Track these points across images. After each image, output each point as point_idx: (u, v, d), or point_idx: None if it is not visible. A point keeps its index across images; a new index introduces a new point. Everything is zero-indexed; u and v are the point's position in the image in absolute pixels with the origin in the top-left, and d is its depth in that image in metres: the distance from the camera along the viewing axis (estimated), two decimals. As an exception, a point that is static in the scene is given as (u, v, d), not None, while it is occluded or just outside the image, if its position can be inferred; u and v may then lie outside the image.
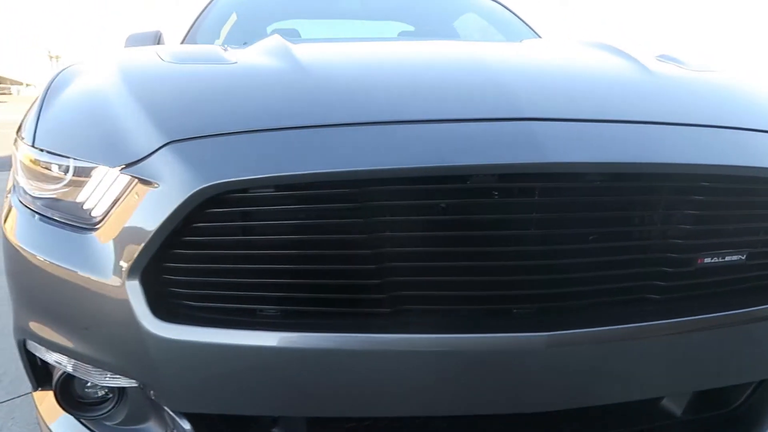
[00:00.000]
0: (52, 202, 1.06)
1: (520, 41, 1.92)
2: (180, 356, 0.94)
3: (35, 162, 1.10)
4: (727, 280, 1.04)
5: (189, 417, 1.03)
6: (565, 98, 1.08)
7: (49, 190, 1.07)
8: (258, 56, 1.33)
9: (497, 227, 0.93)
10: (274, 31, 2.31)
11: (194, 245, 0.93)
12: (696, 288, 1.02)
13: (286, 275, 0.94)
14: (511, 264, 0.93)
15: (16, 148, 1.20)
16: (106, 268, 0.96)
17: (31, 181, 1.10)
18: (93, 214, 1.01)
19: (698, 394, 1.18)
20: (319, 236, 0.93)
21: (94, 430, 1.14)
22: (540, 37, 2.74)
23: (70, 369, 1.10)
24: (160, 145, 0.95)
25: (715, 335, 1.00)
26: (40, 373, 1.21)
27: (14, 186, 1.16)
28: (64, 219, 1.04)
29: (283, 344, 0.92)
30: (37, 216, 1.07)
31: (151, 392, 1.03)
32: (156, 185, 0.93)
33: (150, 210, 0.92)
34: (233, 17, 2.71)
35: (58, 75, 1.32)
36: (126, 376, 1.03)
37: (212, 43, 2.29)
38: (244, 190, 0.91)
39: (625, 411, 1.17)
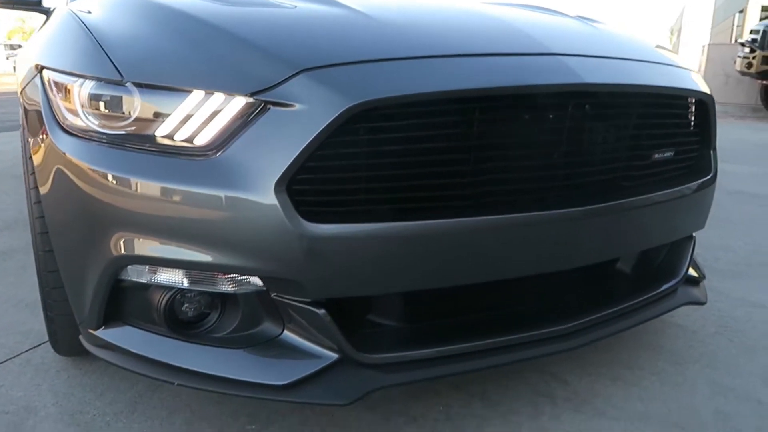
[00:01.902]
0: (160, 130, 1.15)
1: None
2: (325, 251, 1.11)
3: (126, 99, 1.17)
4: (664, 170, 1.52)
5: (317, 305, 1.19)
6: (564, 40, 1.45)
7: (154, 121, 1.15)
8: (307, 3, 1.49)
9: (550, 134, 1.26)
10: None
11: (332, 157, 1.10)
12: (650, 176, 1.48)
13: (410, 178, 1.16)
14: (561, 161, 1.29)
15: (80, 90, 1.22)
16: (250, 185, 1.09)
17: (109, 122, 1.18)
18: (214, 139, 1.12)
19: (638, 257, 1.67)
20: (434, 145, 1.16)
21: (193, 342, 1.25)
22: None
23: (186, 283, 1.20)
24: (295, 72, 1.11)
25: (662, 207, 1.47)
26: (111, 308, 1.27)
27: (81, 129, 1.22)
28: (178, 149, 1.14)
29: (407, 231, 1.14)
30: (148, 145, 1.15)
31: (274, 293, 1.19)
32: (293, 107, 1.09)
33: (291, 129, 1.08)
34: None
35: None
36: (270, 275, 1.16)
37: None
38: (377, 108, 1.10)
39: (593, 275, 1.61)
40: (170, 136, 1.14)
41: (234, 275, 1.20)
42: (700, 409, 1.50)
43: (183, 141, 1.14)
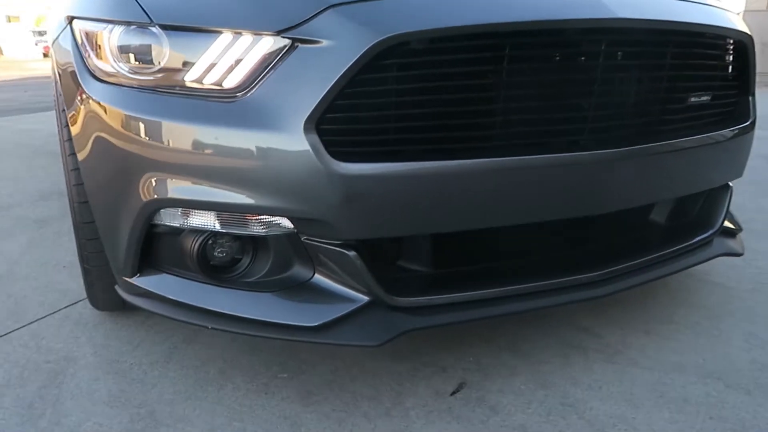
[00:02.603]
0: (189, 75, 1.16)
1: None
2: (355, 190, 1.12)
3: (152, 43, 1.18)
4: (700, 114, 1.47)
5: (348, 247, 1.20)
6: None
7: (182, 67, 1.16)
8: None
9: (583, 73, 1.23)
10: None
11: (362, 95, 1.10)
12: (686, 120, 1.44)
13: (440, 117, 1.15)
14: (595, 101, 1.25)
15: (110, 35, 1.23)
16: (279, 125, 1.09)
17: (139, 67, 1.19)
18: (244, 80, 1.13)
19: (673, 207, 1.63)
20: (465, 82, 1.14)
21: (227, 287, 1.27)
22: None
23: (217, 226, 1.22)
24: (323, 8, 1.11)
25: (698, 153, 1.43)
26: (145, 255, 1.29)
27: (112, 73, 1.24)
28: (208, 92, 1.15)
29: (437, 171, 1.14)
30: (178, 89, 1.17)
31: (305, 236, 1.20)
32: (321, 43, 1.08)
33: (320, 66, 1.08)
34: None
35: None
36: (300, 216, 1.16)
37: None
38: (406, 43, 1.09)
39: (627, 223, 1.58)
40: (199, 80, 1.15)
41: (264, 217, 1.20)
42: (735, 359, 1.48)
43: (212, 84, 1.14)
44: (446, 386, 1.38)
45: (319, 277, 1.25)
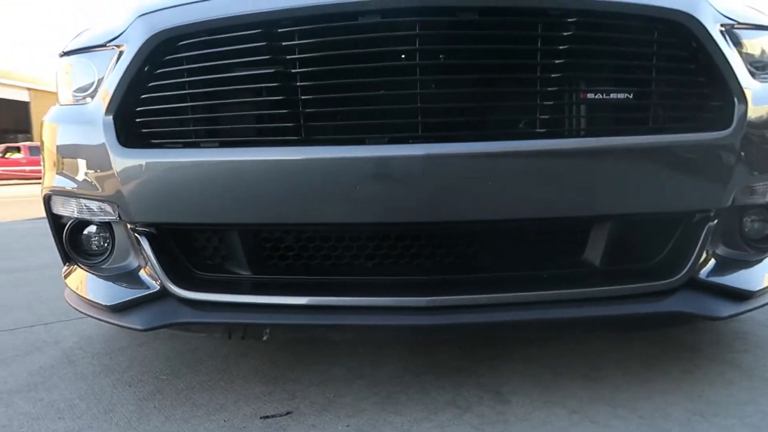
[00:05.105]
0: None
1: None
2: (139, 175, 1.17)
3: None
4: (613, 117, 1.18)
5: (147, 236, 1.24)
6: None
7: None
8: None
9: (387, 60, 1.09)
10: None
11: (155, 88, 1.18)
12: (581, 122, 1.15)
13: (222, 109, 1.20)
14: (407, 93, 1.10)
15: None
16: (95, 118, 1.23)
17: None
18: (91, 89, 1.29)
19: (610, 249, 1.23)
20: (241, 73, 1.13)
21: (100, 274, 1.36)
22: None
23: (76, 213, 1.34)
24: (134, 18, 1.22)
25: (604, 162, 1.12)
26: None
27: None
28: (80, 101, 1.32)
29: (218, 158, 1.14)
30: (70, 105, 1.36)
31: (130, 225, 1.25)
32: (123, 47, 1.21)
33: (120, 66, 1.20)
34: None
35: None
36: (103, 201, 1.25)
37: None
38: (185, 36, 1.15)
39: (551, 258, 1.28)
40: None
41: (93, 202, 1.29)
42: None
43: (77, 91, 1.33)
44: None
45: (133, 262, 1.31)
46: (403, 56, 1.09)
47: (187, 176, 1.15)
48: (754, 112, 1.16)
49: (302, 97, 1.11)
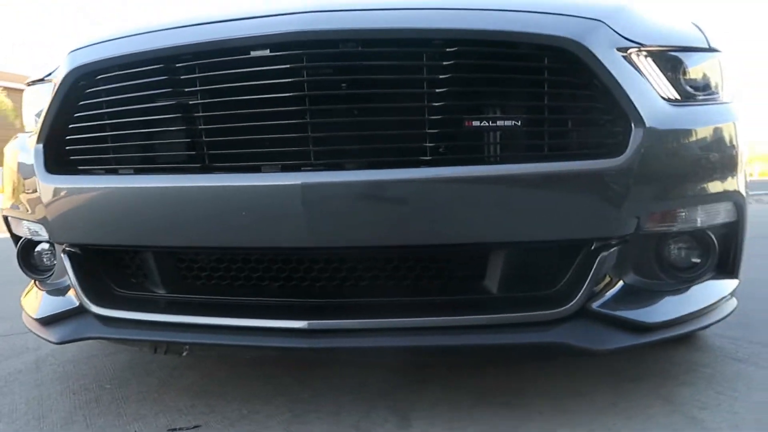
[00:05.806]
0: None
1: None
2: (58, 199, 1.28)
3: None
4: (503, 145, 1.16)
5: (69, 256, 1.33)
6: None
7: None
8: None
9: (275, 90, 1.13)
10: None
11: (78, 119, 1.29)
12: (468, 150, 1.15)
13: (135, 137, 1.27)
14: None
15: None
16: (32, 147, 1.36)
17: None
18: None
19: (507, 277, 1.21)
20: (150, 105, 1.22)
21: (43, 290, 1.49)
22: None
23: (28, 233, 1.46)
24: (66, 55, 1.33)
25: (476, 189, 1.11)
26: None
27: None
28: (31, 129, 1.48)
29: (129, 184, 1.23)
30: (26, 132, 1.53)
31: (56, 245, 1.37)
32: (53, 81, 1.34)
33: (52, 96, 1.30)
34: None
35: None
36: (36, 222, 1.37)
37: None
38: (105, 71, 1.25)
39: (447, 285, 1.27)
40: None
41: (31, 224, 1.42)
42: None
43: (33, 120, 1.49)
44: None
45: (67, 280, 1.37)
46: (296, 87, 1.12)
47: (102, 200, 1.25)
48: (657, 137, 1.11)
49: (203, 127, 1.17)
